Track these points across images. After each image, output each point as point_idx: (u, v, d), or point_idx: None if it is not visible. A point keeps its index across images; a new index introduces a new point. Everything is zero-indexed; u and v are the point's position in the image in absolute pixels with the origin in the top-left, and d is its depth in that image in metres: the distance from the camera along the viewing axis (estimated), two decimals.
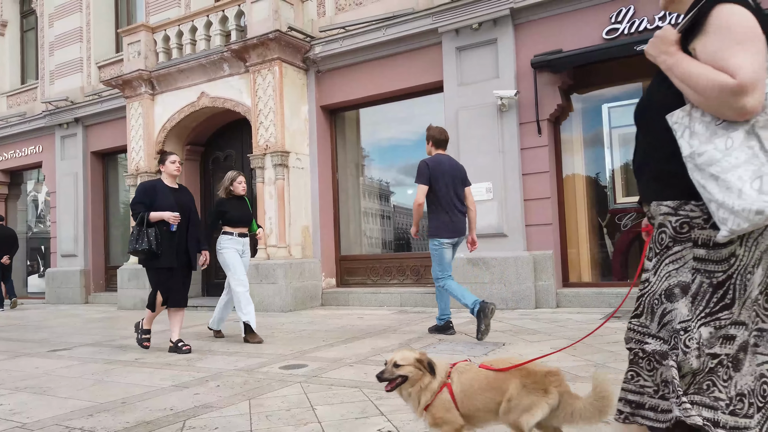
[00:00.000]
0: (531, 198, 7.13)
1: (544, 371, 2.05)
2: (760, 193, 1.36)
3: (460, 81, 7.59)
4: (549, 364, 2.24)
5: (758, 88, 1.38)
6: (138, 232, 4.94)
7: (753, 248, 1.47)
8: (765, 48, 1.44)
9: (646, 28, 6.42)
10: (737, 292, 1.48)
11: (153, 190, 5.11)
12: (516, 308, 6.89)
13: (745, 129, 1.41)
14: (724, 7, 1.45)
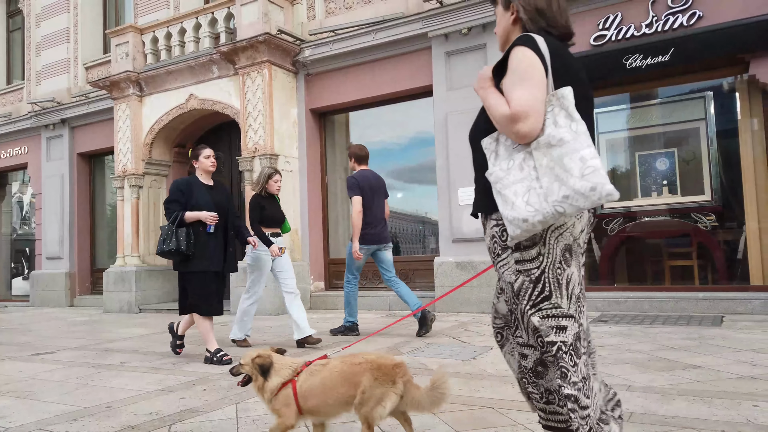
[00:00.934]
0: None
1: (392, 364, 2.23)
2: (527, 204, 1.63)
3: (450, 85, 7.61)
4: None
5: (530, 116, 1.64)
6: (167, 232, 4.55)
7: (554, 246, 1.72)
8: (543, 83, 1.69)
9: (633, 35, 6.49)
10: (552, 284, 1.72)
11: (189, 188, 4.70)
12: None
13: (526, 150, 1.68)
14: (516, 48, 1.75)
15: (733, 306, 5.92)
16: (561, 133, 1.62)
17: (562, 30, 1.88)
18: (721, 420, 2.60)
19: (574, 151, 1.60)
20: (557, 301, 1.72)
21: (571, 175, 1.59)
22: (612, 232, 7.13)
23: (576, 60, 1.85)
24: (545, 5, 1.86)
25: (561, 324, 1.71)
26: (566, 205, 1.59)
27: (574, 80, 1.75)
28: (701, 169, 6.63)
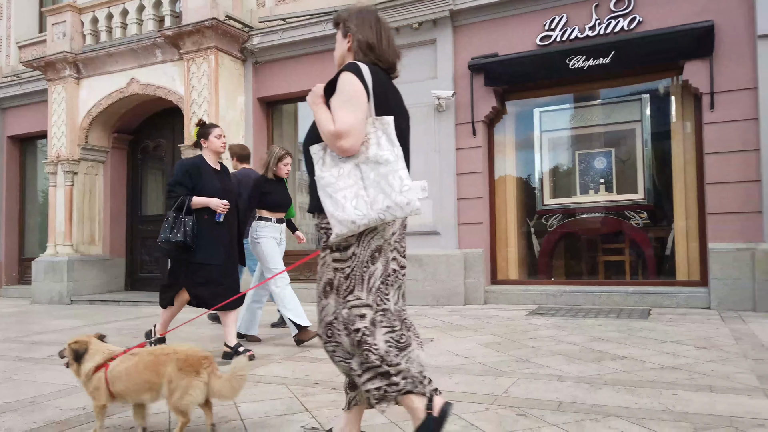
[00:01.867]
0: (464, 197, 7.28)
1: (200, 356, 2.46)
2: (355, 209, 1.93)
3: (399, 79, 7.60)
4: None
5: (351, 135, 1.97)
6: (174, 220, 4.09)
7: (366, 248, 2.04)
8: (364, 108, 2.02)
9: (577, 36, 6.68)
10: (357, 280, 2.04)
11: (197, 171, 4.23)
12: (446, 305, 7.02)
13: (354, 162, 2.00)
14: (344, 74, 2.06)
15: (659, 300, 6.23)
16: (387, 155, 1.98)
17: (389, 65, 2.22)
18: (643, 408, 2.74)
19: (396, 171, 1.97)
20: (359, 293, 2.04)
21: (393, 189, 1.94)
22: (551, 227, 7.36)
23: (396, 93, 2.23)
24: (376, 42, 2.18)
25: (361, 312, 2.02)
26: (387, 214, 1.94)
27: (392, 110, 2.10)
28: (636, 169, 6.92)
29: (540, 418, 2.63)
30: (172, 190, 4.22)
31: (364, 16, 2.24)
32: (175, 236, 4.06)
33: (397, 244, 2.16)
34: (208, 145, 4.37)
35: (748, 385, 3.08)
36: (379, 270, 2.07)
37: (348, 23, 2.25)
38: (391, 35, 2.26)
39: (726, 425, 2.46)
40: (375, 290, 2.06)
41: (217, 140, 4.36)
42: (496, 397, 2.98)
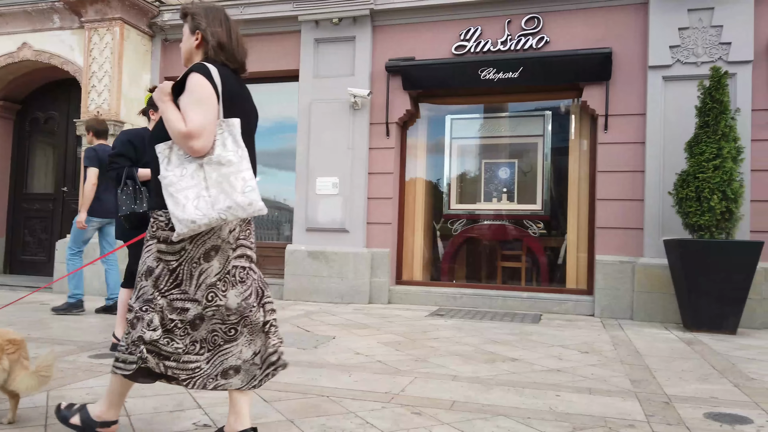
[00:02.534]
0: (375, 197, 7.34)
1: (5, 339, 2.40)
2: (196, 209, 1.96)
3: (316, 73, 7.56)
4: None
5: (202, 136, 2.00)
6: (135, 190, 3.80)
7: (200, 246, 2.08)
8: (214, 109, 2.05)
9: (489, 49, 6.95)
10: (185, 275, 2.09)
11: (141, 142, 3.94)
12: (351, 303, 7.05)
13: (198, 163, 2.02)
14: (193, 74, 2.08)
15: (550, 306, 6.63)
16: (229, 156, 2.01)
17: (238, 64, 2.25)
18: (529, 408, 2.90)
19: (239, 172, 2.00)
20: (186, 288, 2.09)
21: (235, 190, 1.97)
22: (455, 232, 7.61)
23: (245, 91, 2.29)
24: (227, 41, 2.21)
25: (185, 306, 2.10)
26: (228, 214, 1.97)
27: (240, 111, 2.15)
28: (536, 181, 7.32)
29: (434, 416, 2.71)
30: (114, 161, 3.95)
31: (214, 14, 2.22)
32: (141, 207, 3.76)
33: (242, 241, 2.21)
34: (155, 119, 3.97)
35: (623, 388, 3.35)
36: (214, 268, 2.11)
37: (197, 19, 2.23)
38: (240, 33, 2.29)
39: (601, 425, 2.66)
40: (206, 287, 2.11)
41: None
42: (393, 396, 3.03)
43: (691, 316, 5.49)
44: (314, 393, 3.05)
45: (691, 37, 6.22)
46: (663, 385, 3.42)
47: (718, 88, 5.48)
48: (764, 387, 3.43)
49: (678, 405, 3.01)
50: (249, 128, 2.21)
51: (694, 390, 3.33)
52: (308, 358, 3.90)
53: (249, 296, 2.19)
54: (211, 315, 2.14)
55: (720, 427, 2.67)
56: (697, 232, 5.50)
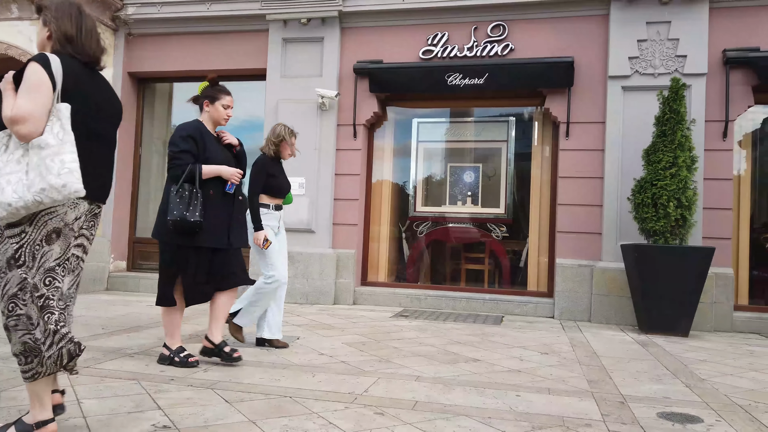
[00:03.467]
0: (341, 198, 7.34)
1: None
2: (13, 192, 2.01)
3: (284, 73, 7.52)
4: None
5: (28, 121, 2.05)
6: (190, 194, 3.43)
7: (41, 228, 2.12)
8: (47, 96, 2.10)
9: (456, 55, 7.04)
10: (27, 257, 2.11)
11: (201, 136, 3.60)
12: (316, 303, 7.03)
13: (25, 148, 2.09)
14: (31, 63, 2.13)
15: (511, 308, 6.75)
16: (49, 139, 2.06)
17: (88, 58, 2.29)
18: (490, 408, 2.95)
19: (57, 155, 2.04)
20: (26, 268, 2.11)
21: (50, 173, 2.01)
22: (421, 234, 7.67)
23: (101, 85, 2.34)
24: (73, 33, 2.25)
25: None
26: (43, 196, 2.01)
27: (83, 101, 2.21)
28: (499, 185, 7.45)
29: (396, 416, 2.74)
30: (176, 157, 3.53)
31: (65, 9, 2.28)
32: (193, 215, 3.41)
33: (84, 231, 2.26)
34: (210, 111, 3.73)
35: (580, 388, 3.45)
36: (55, 252, 2.15)
37: (47, 12, 2.29)
38: (93, 29, 2.34)
39: (559, 425, 2.73)
40: (45, 270, 2.13)
41: (222, 110, 3.72)
42: (356, 396, 3.05)
43: (646, 319, 5.67)
44: (277, 394, 3.03)
45: (649, 49, 6.44)
46: (618, 386, 3.53)
47: (676, 99, 5.69)
48: (714, 388, 3.58)
49: (633, 405, 3.12)
50: (101, 119, 2.30)
51: (648, 390, 3.45)
52: (271, 359, 3.88)
53: (73, 286, 2.28)
54: (57, 297, 2.19)
55: (672, 426, 2.78)
56: (653, 238, 5.69)
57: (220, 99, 3.72)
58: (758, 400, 3.31)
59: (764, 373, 4.05)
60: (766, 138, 6.76)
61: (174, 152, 3.55)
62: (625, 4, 6.50)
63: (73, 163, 2.06)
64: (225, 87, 3.79)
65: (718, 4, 6.36)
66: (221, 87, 3.77)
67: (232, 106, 3.78)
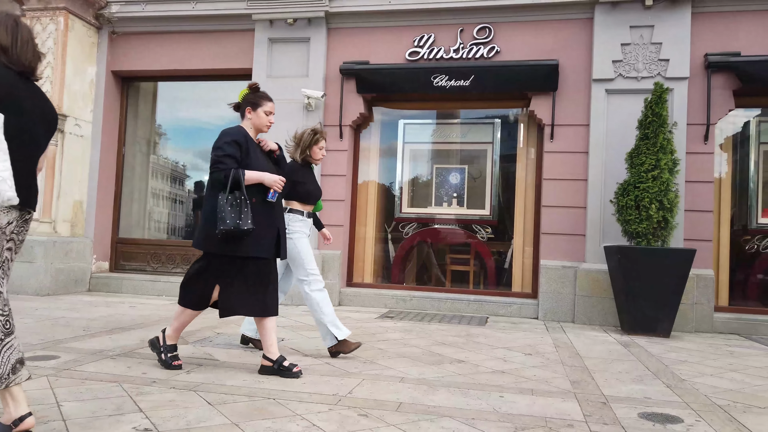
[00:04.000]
0: (327, 199, 7.31)
1: None
2: None
3: (270, 73, 7.49)
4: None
5: None
6: (241, 202, 3.30)
7: None
8: None
9: (442, 57, 7.06)
10: None
11: (246, 142, 3.48)
12: (301, 305, 7.00)
13: None
14: None
15: (496, 308, 6.79)
16: None
17: (23, 68, 2.32)
18: (473, 409, 2.96)
19: None
20: None
21: None
22: (407, 235, 7.68)
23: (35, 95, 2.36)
24: (8, 44, 2.28)
25: None
26: None
27: (18, 110, 2.23)
28: (485, 187, 7.48)
29: (380, 418, 2.74)
30: (220, 161, 3.38)
31: (0, 20, 2.32)
32: (246, 223, 3.28)
33: (14, 235, 2.30)
34: (252, 118, 3.59)
35: (563, 389, 3.47)
36: None
37: None
38: (30, 40, 2.37)
39: (541, 426, 2.75)
40: None
41: (264, 117, 3.60)
42: (340, 398, 3.04)
43: (628, 320, 5.73)
44: (261, 396, 3.02)
45: (632, 52, 6.51)
46: (601, 386, 3.56)
47: (659, 102, 5.76)
48: (694, 388, 3.63)
49: (614, 405, 3.15)
50: (35, 128, 2.33)
51: (629, 391, 3.48)
52: (255, 361, 3.86)
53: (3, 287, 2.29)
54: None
55: (653, 426, 2.81)
56: (635, 239, 5.76)
57: (262, 105, 3.60)
58: (737, 400, 3.36)
59: (743, 374, 4.12)
60: (746, 141, 6.87)
61: (218, 156, 3.41)
62: (609, 7, 6.57)
63: (5, 172, 2.11)
64: (266, 93, 3.69)
65: (700, 9, 6.45)
66: (263, 93, 3.66)
67: (273, 113, 3.67)
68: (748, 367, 4.38)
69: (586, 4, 6.68)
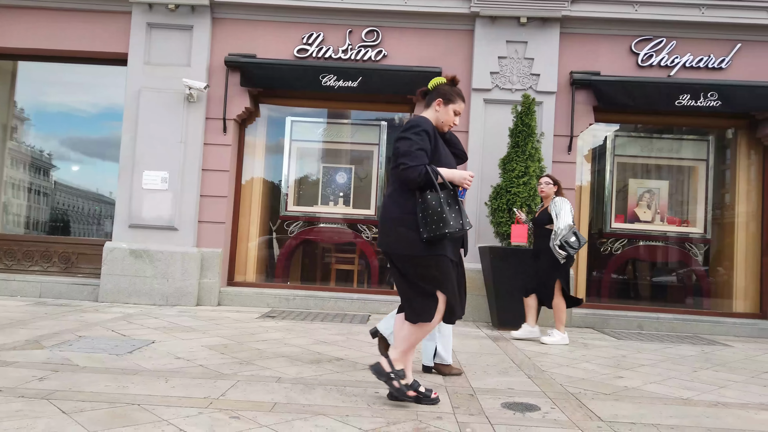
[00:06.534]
0: (208, 194, 7.05)
1: None
2: None
3: (148, 60, 7.06)
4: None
5: None
6: (453, 199, 2.95)
7: None
8: None
9: (331, 56, 7.07)
10: None
11: (434, 135, 3.08)
12: (177, 305, 6.69)
13: None
14: None
15: (378, 307, 6.92)
16: None
17: None
18: (348, 406, 3.00)
19: None
20: None
21: None
22: (291, 233, 7.61)
23: None
24: None
25: None
26: None
27: None
28: (371, 188, 7.61)
29: (252, 419, 2.69)
30: (412, 154, 2.94)
31: None
32: (466, 222, 2.99)
33: None
34: (439, 112, 3.17)
35: (436, 383, 3.61)
36: None
37: None
38: None
39: (413, 419, 2.84)
40: None
41: (452, 116, 3.19)
42: (212, 401, 2.95)
43: (498, 316, 6.11)
44: (124, 402, 2.84)
45: (508, 65, 6.95)
46: (470, 379, 3.76)
47: (528, 113, 6.20)
48: (552, 378, 3.94)
49: (481, 396, 3.34)
50: None
51: (495, 383, 3.71)
52: (121, 365, 3.62)
53: None
54: None
55: (513, 414, 3.01)
56: (506, 241, 6.15)
57: (455, 103, 3.20)
58: (587, 388, 3.70)
59: (594, 364, 4.54)
60: (604, 153, 7.59)
61: (409, 149, 2.97)
62: (488, 21, 6.95)
63: None
64: (461, 92, 3.29)
65: (568, 30, 7.02)
66: (459, 90, 3.27)
67: (461, 115, 3.28)
68: (598, 357, 4.84)
69: (468, 16, 7.02)
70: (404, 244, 2.99)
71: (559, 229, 5.14)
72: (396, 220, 3.03)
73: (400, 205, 3.03)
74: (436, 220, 2.88)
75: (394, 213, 3.05)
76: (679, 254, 7.54)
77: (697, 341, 6.13)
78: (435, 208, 2.89)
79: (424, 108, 3.24)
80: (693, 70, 6.96)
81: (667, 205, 7.57)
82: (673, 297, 7.56)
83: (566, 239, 5.08)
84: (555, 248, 5.16)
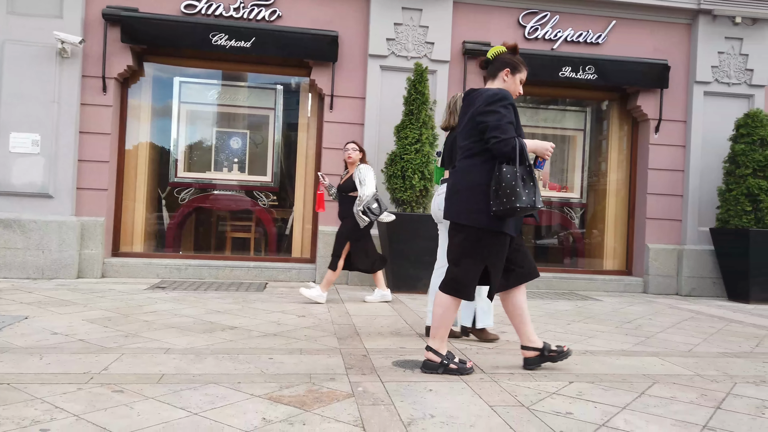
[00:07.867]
0: (87, 159, 6.55)
1: None
2: None
3: (12, 9, 6.33)
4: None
5: None
6: (529, 175, 2.89)
7: None
8: None
9: (222, 14, 6.74)
10: None
11: (514, 108, 3.01)
12: (54, 278, 6.22)
13: None
14: None
15: (276, 274, 6.87)
16: None
17: None
18: (240, 373, 2.98)
19: None
20: None
21: None
22: (183, 201, 7.28)
23: None
24: None
25: None
26: None
27: None
28: (267, 153, 7.43)
29: (138, 392, 2.59)
30: (503, 128, 2.88)
31: None
32: (539, 200, 2.92)
33: None
34: (508, 82, 3.14)
35: (330, 346, 3.68)
36: None
37: None
38: None
39: (306, 382, 2.88)
40: None
41: (519, 85, 3.19)
42: (92, 376, 2.80)
43: (394, 279, 6.29)
44: None
45: (404, 32, 6.99)
46: (364, 341, 3.86)
47: (421, 81, 6.30)
48: None
49: (373, 356, 3.44)
50: None
51: (388, 343, 3.84)
52: None
53: None
54: None
55: (404, 372, 3.14)
56: (401, 206, 6.29)
57: (521, 72, 3.18)
58: (479, 344, 3.93)
59: None
60: None
61: (499, 122, 2.90)
62: None
63: None
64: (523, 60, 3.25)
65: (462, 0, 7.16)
66: (521, 58, 3.23)
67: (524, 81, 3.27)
68: None
69: None
70: (471, 215, 2.99)
71: (364, 195, 5.30)
72: (466, 190, 3.02)
73: (474, 175, 3.01)
74: (508, 194, 2.85)
75: (467, 183, 3.03)
76: (560, 218, 8.12)
77: (573, 297, 6.69)
78: (510, 181, 2.86)
79: (488, 78, 3.22)
80: (574, 44, 7.39)
81: (548, 172, 8.08)
82: (554, 257, 8.16)
83: (369, 205, 5.28)
84: (358, 213, 5.32)
